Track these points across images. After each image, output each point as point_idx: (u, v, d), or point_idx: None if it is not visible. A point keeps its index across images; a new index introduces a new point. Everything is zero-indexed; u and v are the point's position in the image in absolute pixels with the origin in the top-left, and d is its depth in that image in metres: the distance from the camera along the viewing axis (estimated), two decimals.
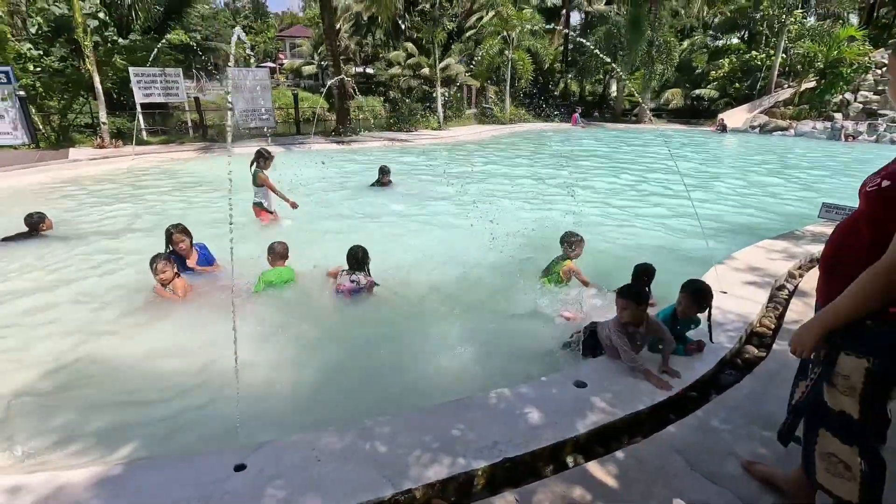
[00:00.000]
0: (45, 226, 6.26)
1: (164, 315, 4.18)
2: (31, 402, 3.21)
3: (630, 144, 19.85)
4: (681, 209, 8.23)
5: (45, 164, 11.28)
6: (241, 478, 2.31)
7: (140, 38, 17.22)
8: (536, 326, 3.87)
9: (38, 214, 6.22)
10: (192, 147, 14.68)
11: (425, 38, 23.93)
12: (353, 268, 4.54)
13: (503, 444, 2.51)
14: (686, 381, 3.07)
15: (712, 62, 31.49)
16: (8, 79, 12.90)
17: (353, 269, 4.53)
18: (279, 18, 63.20)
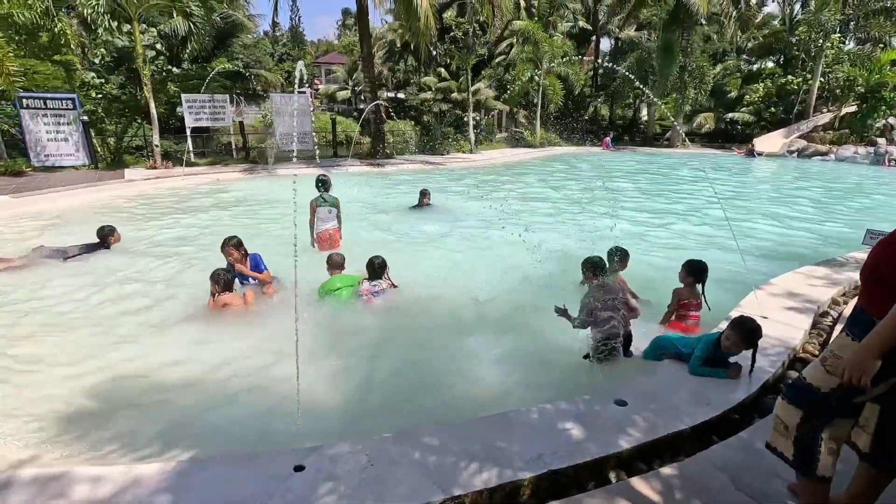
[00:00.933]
0: (114, 238, 6.75)
1: (225, 322, 4.48)
2: (107, 400, 3.49)
3: (663, 167, 19.74)
4: (718, 233, 8.18)
5: (104, 184, 12.07)
6: (300, 478, 2.46)
7: (191, 66, 18.37)
8: (575, 343, 3.95)
9: (108, 227, 6.73)
10: (236, 168, 15.42)
11: (457, 64, 24.58)
12: (372, 277, 5.03)
13: (547, 456, 2.60)
14: (727, 404, 3.10)
15: (746, 86, 31.17)
16: (74, 105, 13.95)
17: (372, 278, 5.02)
18: (315, 46, 65.95)
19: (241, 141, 17.87)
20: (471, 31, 21.98)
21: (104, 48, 18.14)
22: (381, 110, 18.39)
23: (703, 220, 9.68)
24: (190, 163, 15.68)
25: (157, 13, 16.37)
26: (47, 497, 2.30)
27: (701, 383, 3.29)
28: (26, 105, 13.44)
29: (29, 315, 4.84)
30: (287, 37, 58.34)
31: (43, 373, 3.85)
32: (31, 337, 4.43)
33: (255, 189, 12.43)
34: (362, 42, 18.64)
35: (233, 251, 5.13)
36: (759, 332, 3.31)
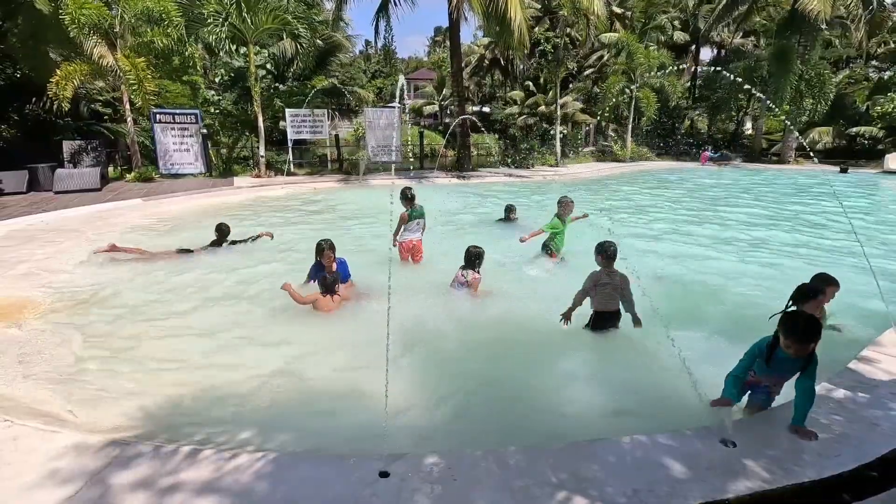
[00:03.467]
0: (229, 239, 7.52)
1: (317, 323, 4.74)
2: (208, 389, 3.80)
3: (777, 186, 17.96)
4: (852, 262, 7.21)
5: (217, 190, 13.41)
6: (385, 484, 2.48)
7: (294, 83, 19.94)
8: (676, 376, 3.64)
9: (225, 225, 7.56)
10: (331, 178, 16.42)
11: (546, 78, 24.35)
12: (467, 265, 5.25)
13: (643, 493, 2.40)
14: (863, 457, 2.67)
15: (875, 97, 27.57)
16: (197, 119, 15.70)
17: (465, 266, 5.25)
18: (405, 63, 68.76)
19: (335, 153, 18.99)
20: (561, 44, 21.71)
21: (223, 69, 20.25)
22: (467, 124, 18.67)
23: (831, 249, 8.54)
24: (290, 172, 16.94)
25: (269, 36, 17.99)
26: (159, 473, 2.53)
27: (827, 430, 2.88)
28: (159, 119, 15.35)
29: (149, 303, 5.45)
30: (380, 55, 61.53)
31: (157, 357, 4.29)
32: (152, 321, 4.98)
33: (348, 198, 13.15)
34: (453, 57, 19.10)
35: (330, 254, 5.41)
36: (811, 328, 2.75)
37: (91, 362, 4.15)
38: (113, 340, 4.59)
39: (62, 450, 2.70)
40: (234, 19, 14.51)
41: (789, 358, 2.87)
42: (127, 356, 4.29)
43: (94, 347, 4.43)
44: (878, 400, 3.19)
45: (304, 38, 16.23)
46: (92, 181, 13.18)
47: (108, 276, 6.34)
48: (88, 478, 2.48)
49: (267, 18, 14.91)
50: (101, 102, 20.75)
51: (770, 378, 3.00)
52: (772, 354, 2.94)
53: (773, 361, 2.95)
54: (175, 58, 15.75)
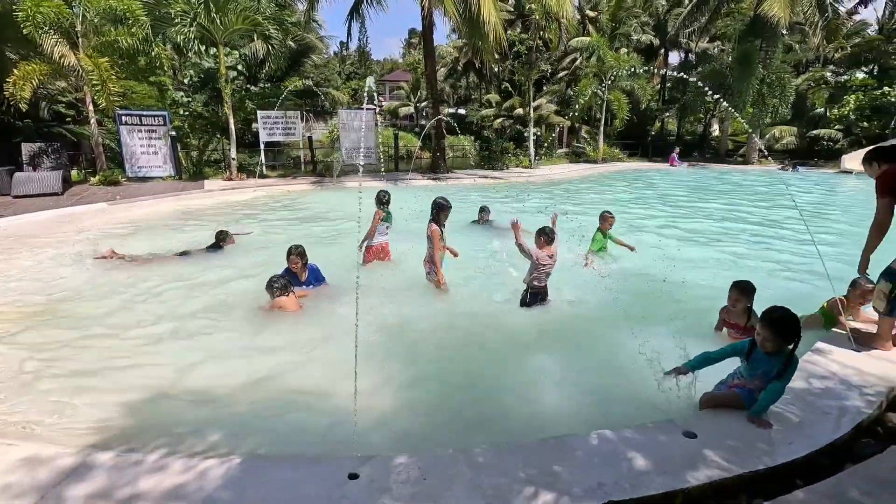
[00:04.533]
0: (229, 242, 7.74)
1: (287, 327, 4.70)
2: (174, 396, 3.72)
3: (739, 185, 18.60)
4: (805, 259, 7.53)
5: (186, 193, 13.10)
6: (355, 486, 2.48)
7: (267, 85, 19.64)
8: (641, 370, 3.74)
9: (223, 232, 7.71)
10: (305, 180, 16.23)
11: (520, 81, 24.62)
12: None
13: (608, 486, 2.46)
14: (815, 445, 2.80)
15: (833, 99, 28.82)
16: (165, 121, 15.32)
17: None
18: (380, 65, 68.49)
19: (309, 155, 18.79)
20: (534, 47, 21.98)
21: (192, 70, 19.82)
22: (442, 126, 18.72)
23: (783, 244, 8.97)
24: (262, 175, 16.68)
25: (239, 37, 17.69)
26: (118, 483, 2.46)
27: (782, 420, 3.00)
28: (125, 121, 14.91)
29: (114, 311, 5.31)
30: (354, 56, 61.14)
31: (118, 364, 4.18)
32: (115, 329, 4.85)
33: (322, 200, 13.02)
34: (426, 59, 19.15)
35: (296, 260, 5.38)
36: (787, 321, 2.88)
37: (50, 372, 4.01)
38: (73, 349, 4.45)
39: (16, 464, 2.60)
40: (202, 19, 14.21)
41: (767, 357, 2.99)
42: (88, 365, 4.16)
43: (54, 357, 4.28)
44: (829, 390, 3.34)
45: (275, 40, 16.01)
46: (53, 185, 12.71)
47: (68, 282, 6.14)
48: (44, 492, 2.39)
49: (237, 19, 14.65)
50: (64, 104, 20.03)
51: (753, 381, 3.10)
52: (752, 352, 3.08)
53: (752, 359, 3.08)
54: (141, 58, 15.33)
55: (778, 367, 2.96)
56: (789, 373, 2.97)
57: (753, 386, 3.11)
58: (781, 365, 2.95)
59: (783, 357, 2.95)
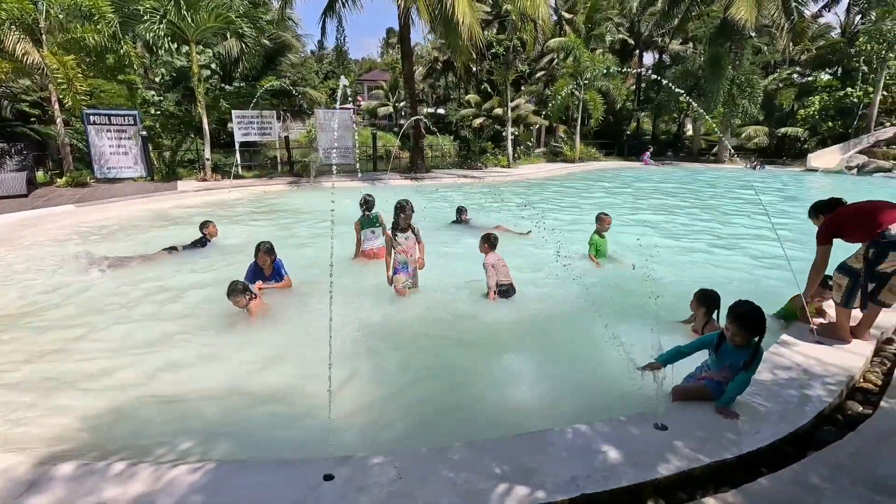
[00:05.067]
0: (209, 232, 7.78)
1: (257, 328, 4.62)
2: (142, 402, 3.63)
3: (709, 183, 19.07)
4: (768, 253, 7.78)
5: (159, 194, 12.79)
6: (330, 487, 2.47)
7: (242, 84, 19.30)
8: (614, 365, 3.81)
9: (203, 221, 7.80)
10: (281, 181, 16.00)
11: (498, 81, 24.76)
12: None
13: (581, 479, 2.50)
14: (779, 434, 2.90)
15: (800, 100, 29.80)
16: (135, 121, 14.92)
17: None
18: (358, 64, 68.01)
19: (286, 155, 18.54)
20: (511, 47, 22.12)
21: (164, 68, 19.35)
22: (420, 125, 18.70)
23: (749, 240, 9.25)
24: (237, 175, 16.39)
25: (212, 34, 17.34)
26: (81, 493, 2.40)
27: (749, 410, 3.10)
28: (92, 121, 14.46)
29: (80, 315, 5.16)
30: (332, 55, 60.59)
31: (81, 370, 4.07)
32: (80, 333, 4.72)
33: (298, 200, 12.86)
34: (404, 59, 19.10)
35: (265, 257, 5.36)
36: (752, 315, 2.99)
37: (8, 379, 3.88)
38: (34, 356, 4.30)
39: None
40: (172, 17, 13.88)
41: (734, 350, 3.08)
42: (49, 372, 4.02)
43: (12, 364, 4.13)
44: (793, 380, 3.46)
45: (249, 38, 15.75)
46: (17, 187, 12.26)
47: (35, 286, 5.95)
48: None
49: (209, 17, 14.34)
50: (28, 103, 19.35)
51: (720, 372, 3.18)
52: (720, 345, 3.17)
53: (721, 352, 3.17)
54: (109, 56, 14.88)
55: (745, 358, 3.06)
56: (755, 364, 3.08)
57: (721, 378, 3.20)
58: (748, 357, 3.05)
59: (750, 349, 3.05)
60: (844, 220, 4.03)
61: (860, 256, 3.91)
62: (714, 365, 3.26)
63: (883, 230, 3.70)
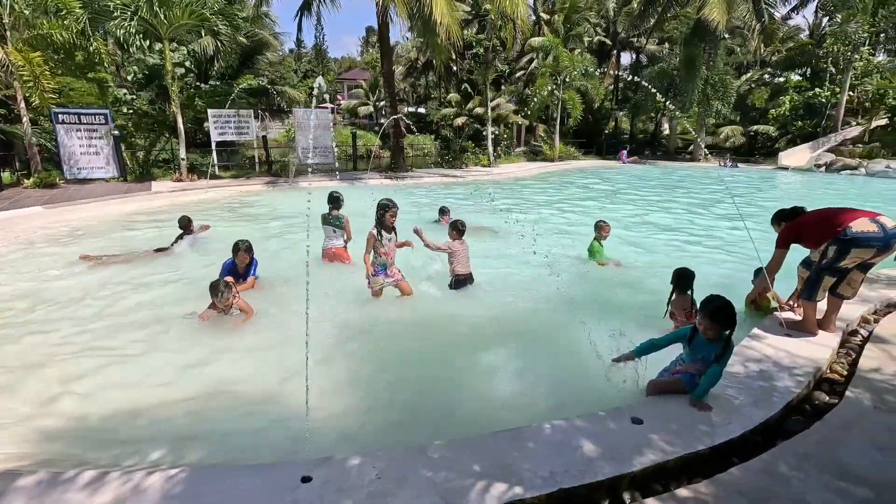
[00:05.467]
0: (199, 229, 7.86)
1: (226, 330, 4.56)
2: (113, 407, 3.53)
3: (683, 181, 19.45)
4: (740, 249, 7.98)
5: (132, 195, 12.47)
6: (307, 489, 2.44)
7: (218, 83, 18.95)
8: (591, 360, 3.87)
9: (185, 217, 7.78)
10: (259, 181, 15.78)
11: (478, 80, 24.84)
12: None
13: (559, 474, 2.52)
14: (749, 424, 2.97)
15: (773, 99, 30.66)
16: (106, 120, 14.52)
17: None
18: (338, 63, 67.44)
19: (264, 155, 18.29)
20: (490, 47, 22.21)
21: (136, 66, 18.87)
22: (400, 124, 18.64)
23: (722, 235, 9.49)
24: (214, 175, 16.10)
25: (186, 32, 16.99)
26: (61, 500, 2.33)
27: (722, 402, 3.17)
28: (61, 120, 14.04)
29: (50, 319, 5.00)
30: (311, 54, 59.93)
31: (47, 375, 3.95)
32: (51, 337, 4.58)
33: (275, 200, 12.70)
34: (383, 58, 19.01)
35: (245, 255, 5.29)
36: (724, 309, 3.08)
37: None
38: (5, 361, 4.16)
39: None
40: (144, 13, 13.54)
41: (707, 343, 3.15)
42: (17, 377, 3.89)
43: None
44: (764, 372, 3.55)
45: (224, 35, 15.45)
46: None
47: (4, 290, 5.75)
48: None
49: (183, 14, 14.04)
50: None
51: (694, 365, 3.25)
52: (693, 338, 3.24)
53: (693, 345, 3.24)
54: (78, 53, 14.45)
55: (717, 351, 3.14)
56: (726, 357, 3.15)
57: (694, 370, 3.27)
58: (720, 350, 3.13)
59: (722, 342, 3.13)
60: (804, 228, 4.27)
61: (819, 251, 4.09)
62: (688, 357, 3.33)
63: (843, 229, 3.87)
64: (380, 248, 5.24)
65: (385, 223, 5.21)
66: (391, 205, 5.23)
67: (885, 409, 3.14)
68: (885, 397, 3.27)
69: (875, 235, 3.80)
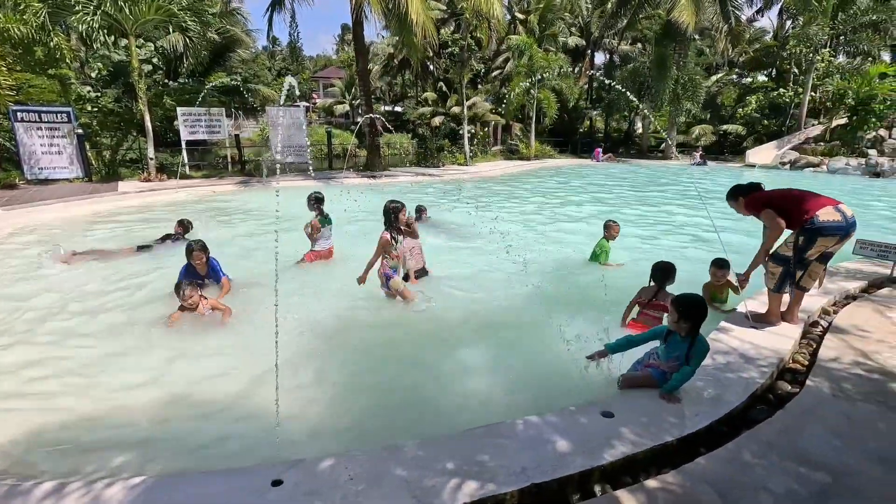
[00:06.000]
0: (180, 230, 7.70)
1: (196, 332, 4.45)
2: (75, 413, 3.41)
3: (654, 179, 19.87)
4: (706, 244, 8.20)
5: (97, 196, 12.05)
6: (277, 493, 2.40)
7: (188, 80, 18.48)
8: (562, 356, 3.91)
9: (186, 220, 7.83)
10: (232, 181, 15.45)
11: (454, 79, 24.87)
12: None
13: (531, 470, 2.54)
14: (715, 415, 3.05)
15: (740, 100, 31.60)
16: (69, 118, 14.00)
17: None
18: (313, 61, 66.54)
19: (237, 154, 17.92)
20: (465, 46, 22.25)
21: (101, 62, 18.25)
22: (376, 123, 18.52)
23: (689, 231, 9.73)
24: (184, 175, 15.71)
25: (153, 27, 16.51)
26: None
27: (690, 394, 3.25)
28: (20, 118, 13.48)
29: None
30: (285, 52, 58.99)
31: (11, 381, 3.80)
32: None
33: (248, 200, 12.46)
34: (358, 56, 18.84)
35: (200, 255, 5.15)
36: (693, 305, 3.15)
37: None
38: None
39: None
40: (108, 7, 13.09)
41: (682, 342, 3.20)
42: None
43: None
44: (730, 364, 3.65)
45: (193, 32, 15.07)
46: None
47: None
48: None
49: (149, 8, 13.63)
50: None
51: (668, 362, 3.30)
52: (669, 335, 3.29)
53: (669, 343, 3.29)
54: (38, 49, 13.88)
55: (689, 352, 3.20)
56: (698, 357, 3.20)
57: (668, 367, 3.33)
58: (690, 348, 3.19)
59: (693, 340, 3.19)
60: (773, 201, 4.21)
61: (790, 244, 4.15)
62: (663, 354, 3.39)
63: (811, 217, 3.94)
64: (392, 251, 5.12)
65: (397, 225, 5.06)
66: (401, 205, 5.07)
67: (842, 397, 3.26)
68: (843, 385, 3.40)
69: (839, 224, 3.92)
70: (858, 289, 5.54)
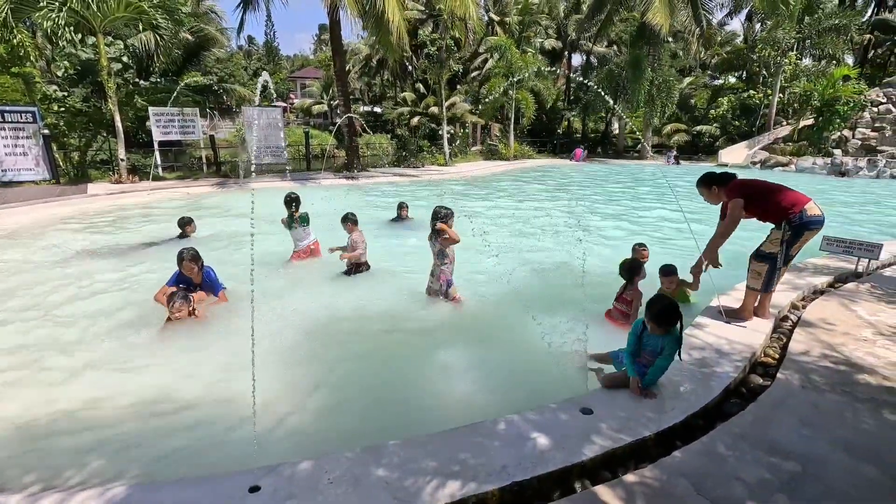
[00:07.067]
0: (190, 229, 7.82)
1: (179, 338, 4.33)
2: (49, 420, 3.30)
3: (630, 178, 20.22)
4: (680, 240, 8.38)
5: (65, 199, 11.67)
6: (255, 499, 2.36)
7: (160, 80, 18.03)
8: (542, 355, 3.94)
9: (186, 218, 7.86)
10: (207, 182, 15.13)
11: (432, 79, 24.86)
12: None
13: (511, 468, 2.56)
14: (691, 409, 3.12)
15: (713, 101, 32.40)
16: (34, 118, 13.52)
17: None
18: (291, 61, 65.77)
19: (213, 155, 17.56)
20: (444, 46, 22.27)
21: (67, 61, 17.68)
22: (354, 123, 18.38)
23: (661, 227, 9.94)
24: (157, 177, 15.33)
25: (123, 25, 16.07)
26: None
27: (667, 389, 3.31)
28: None
29: None
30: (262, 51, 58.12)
31: None
32: None
33: (223, 202, 12.22)
34: (335, 56, 18.68)
35: (192, 265, 4.98)
36: (667, 310, 3.16)
37: None
38: None
39: None
40: (75, 4, 12.67)
41: (655, 336, 3.25)
42: None
43: None
44: (705, 359, 3.74)
45: (164, 30, 14.70)
46: None
47: None
48: None
49: (118, 5, 13.25)
50: None
51: (644, 356, 3.35)
52: (643, 332, 3.32)
53: (644, 338, 3.33)
54: (0, 46, 13.37)
55: (662, 344, 3.25)
56: (670, 349, 3.26)
57: (644, 361, 3.39)
58: (666, 343, 3.24)
59: (669, 337, 3.24)
60: (750, 190, 4.25)
61: (775, 241, 4.18)
62: (641, 349, 3.44)
63: (799, 211, 4.01)
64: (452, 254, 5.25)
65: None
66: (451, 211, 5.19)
67: (811, 388, 3.37)
68: (812, 377, 3.51)
69: (821, 219, 4.07)
70: (825, 284, 5.74)
